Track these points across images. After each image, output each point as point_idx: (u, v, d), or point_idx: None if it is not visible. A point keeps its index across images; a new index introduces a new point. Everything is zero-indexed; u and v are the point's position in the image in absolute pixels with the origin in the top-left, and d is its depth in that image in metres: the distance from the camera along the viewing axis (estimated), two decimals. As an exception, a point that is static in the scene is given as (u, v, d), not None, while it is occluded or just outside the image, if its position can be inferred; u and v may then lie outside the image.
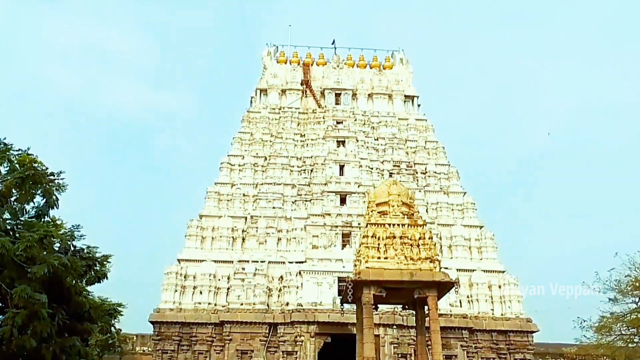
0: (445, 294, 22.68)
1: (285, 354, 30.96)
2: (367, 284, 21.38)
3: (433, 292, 21.53)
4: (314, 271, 32.72)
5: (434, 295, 21.55)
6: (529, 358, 32.41)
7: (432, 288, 21.54)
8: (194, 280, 32.49)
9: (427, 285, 21.51)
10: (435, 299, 21.55)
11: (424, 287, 21.53)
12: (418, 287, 21.58)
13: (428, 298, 21.50)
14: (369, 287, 21.40)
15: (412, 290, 21.78)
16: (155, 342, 31.23)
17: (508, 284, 33.69)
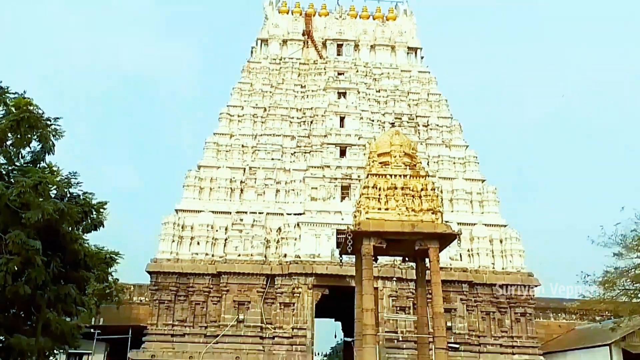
0: (447, 246, 22.35)
1: (282, 305, 30.86)
2: (367, 235, 20.99)
3: (434, 244, 21.15)
4: (312, 223, 32.40)
5: (436, 247, 21.18)
6: (529, 312, 32.29)
7: (434, 240, 21.16)
8: (192, 231, 32.15)
9: (428, 237, 21.12)
10: (436, 251, 21.20)
11: (425, 239, 21.15)
12: (419, 239, 21.20)
13: (429, 250, 21.14)
14: (369, 238, 21.02)
15: (413, 242, 21.41)
16: (152, 292, 31.07)
17: (509, 238, 33.38)
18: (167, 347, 29.81)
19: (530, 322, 32.23)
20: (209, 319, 30.71)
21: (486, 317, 32.12)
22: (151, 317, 30.70)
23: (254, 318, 30.52)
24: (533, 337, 32.09)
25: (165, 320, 30.54)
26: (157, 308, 30.70)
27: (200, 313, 30.90)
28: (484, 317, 32.10)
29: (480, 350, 31.27)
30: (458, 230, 21.39)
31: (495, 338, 31.72)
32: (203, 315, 30.87)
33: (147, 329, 30.41)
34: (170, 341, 30.12)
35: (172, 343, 30.06)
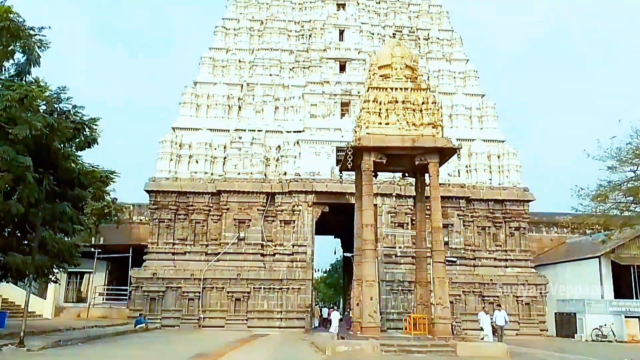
0: (447, 161, 22.13)
1: (283, 223, 31.00)
2: (368, 150, 20.75)
3: (435, 158, 20.95)
4: (312, 140, 32.08)
5: (436, 162, 20.99)
6: (523, 227, 32.63)
7: (434, 154, 20.94)
8: (190, 149, 31.82)
9: (429, 152, 20.89)
10: (436, 166, 21.02)
11: (425, 154, 20.93)
12: (419, 154, 20.99)
13: (429, 165, 20.96)
14: (369, 153, 20.79)
15: (413, 156, 21.20)
16: (152, 211, 31.08)
17: (507, 154, 33.24)
18: (168, 265, 30.13)
19: (523, 237, 32.63)
20: (210, 237, 30.90)
21: (482, 232, 32.48)
22: (151, 236, 30.85)
23: (254, 236, 30.73)
24: (526, 250, 32.58)
25: (166, 239, 30.71)
26: (157, 227, 30.80)
27: (200, 231, 31.06)
28: (479, 232, 32.45)
29: (475, 264, 31.79)
30: (458, 145, 21.06)
31: (490, 252, 32.20)
32: (204, 233, 31.04)
33: (148, 248, 30.64)
34: (172, 259, 30.41)
35: (173, 261, 30.35)
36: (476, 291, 30.85)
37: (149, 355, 17.42)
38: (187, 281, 29.69)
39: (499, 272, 31.65)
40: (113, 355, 16.92)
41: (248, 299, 29.71)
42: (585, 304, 29.36)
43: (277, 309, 29.72)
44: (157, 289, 29.54)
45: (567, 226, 38.50)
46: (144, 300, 29.42)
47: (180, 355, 16.59)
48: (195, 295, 29.62)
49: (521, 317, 30.80)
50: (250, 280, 29.77)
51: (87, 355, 16.35)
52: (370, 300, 19.92)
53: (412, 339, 19.63)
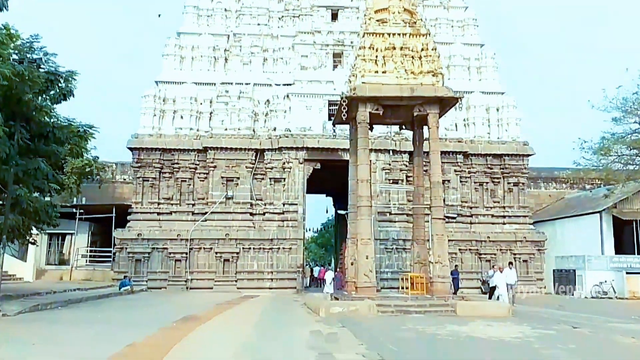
0: (448, 112, 20.86)
1: (272, 181, 29.83)
2: (363, 100, 19.45)
3: (435, 109, 19.70)
4: (302, 94, 30.59)
5: (436, 113, 19.76)
6: (522, 182, 31.64)
7: (434, 104, 19.69)
8: (174, 104, 30.27)
9: (428, 102, 19.64)
10: (436, 117, 19.79)
11: (425, 104, 19.68)
12: (418, 104, 19.74)
13: (429, 116, 19.73)
14: (364, 104, 19.50)
15: (411, 107, 19.95)
16: (135, 169, 29.73)
17: (506, 106, 32.02)
18: (154, 226, 29.01)
19: (522, 192, 31.72)
20: (197, 197, 29.73)
21: (479, 188, 31.53)
22: (135, 196, 29.62)
23: (243, 194, 29.58)
24: (524, 206, 31.72)
25: (151, 198, 29.50)
26: (141, 186, 29.53)
27: (186, 190, 29.84)
28: (477, 188, 31.50)
29: (472, 221, 30.91)
30: (459, 94, 19.72)
31: (487, 209, 31.34)
32: (190, 192, 29.84)
33: (132, 208, 29.44)
34: (157, 220, 29.28)
35: (158, 222, 29.23)
36: (473, 249, 30.02)
37: (132, 318, 16.39)
38: (174, 242, 28.67)
39: (497, 229, 30.82)
40: (94, 319, 15.86)
41: (237, 260, 28.77)
42: (585, 261, 28.60)
43: (268, 269, 28.81)
44: (143, 250, 28.51)
45: (566, 181, 37.66)
46: (128, 261, 28.45)
47: (166, 318, 15.57)
48: (182, 256, 28.66)
49: (519, 274, 29.82)
50: (239, 240, 28.76)
51: (66, 320, 15.28)
52: (366, 259, 18.91)
53: (410, 298, 18.68)
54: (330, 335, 12.90)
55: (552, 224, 32.55)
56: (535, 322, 15.82)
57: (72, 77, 17.79)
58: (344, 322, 15.11)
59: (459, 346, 11.82)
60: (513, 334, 13.34)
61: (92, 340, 11.58)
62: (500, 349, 11.47)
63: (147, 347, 10.70)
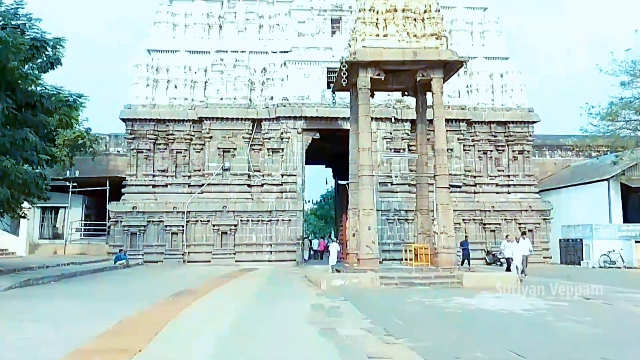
0: (452, 76, 20.02)
1: (270, 151, 29.04)
2: (364, 65, 18.63)
3: (439, 73, 18.90)
4: (300, 61, 29.61)
5: (439, 78, 18.96)
6: (527, 150, 30.88)
7: (438, 69, 18.88)
8: (168, 73, 29.31)
9: (432, 66, 18.83)
10: (440, 82, 18.99)
11: (428, 68, 18.86)
12: (421, 68, 18.94)
13: (432, 81, 18.93)
14: (365, 69, 18.68)
15: (414, 72, 19.15)
16: (129, 141, 28.90)
17: (511, 72, 31.09)
18: (149, 198, 28.32)
19: (527, 160, 31.01)
20: (192, 168, 29.00)
21: (483, 157, 30.79)
22: (130, 168, 28.85)
23: (240, 165, 28.83)
24: (529, 175, 31.02)
25: (145, 170, 28.73)
26: (135, 158, 28.73)
27: (182, 162, 29.10)
28: (480, 156, 30.76)
29: (476, 191, 30.22)
30: (464, 58, 18.83)
31: (492, 177, 30.64)
32: (186, 164, 29.09)
33: (126, 180, 28.71)
34: (152, 192, 28.57)
35: (154, 194, 28.53)
36: (477, 219, 29.38)
37: (127, 293, 15.81)
38: (170, 215, 28.03)
39: (501, 198, 30.17)
40: (87, 294, 15.30)
41: (235, 232, 28.16)
42: (592, 229, 27.94)
43: (266, 242, 28.21)
44: (138, 224, 27.88)
45: (572, 149, 36.82)
46: (123, 235, 27.88)
47: (162, 292, 14.99)
48: (178, 229, 28.05)
49: (524, 245, 29.47)
50: (237, 212, 28.11)
51: (58, 295, 14.67)
52: (368, 230, 18.23)
53: (414, 270, 18.07)
54: (332, 309, 12.30)
55: (558, 193, 31.82)
56: (545, 294, 15.21)
57: (60, 44, 17.05)
58: (346, 295, 14.52)
59: (468, 320, 11.22)
60: (524, 306, 12.76)
61: (83, 315, 11.05)
62: (511, 322, 10.84)
63: (140, 323, 10.13)
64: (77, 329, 9.40)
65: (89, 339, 8.38)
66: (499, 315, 11.61)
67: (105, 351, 7.78)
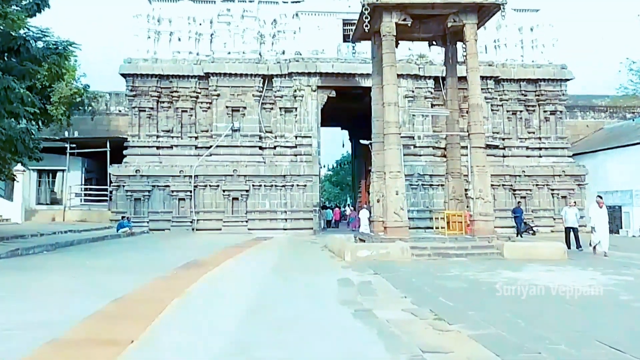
0: (487, 21, 17.70)
1: (283, 110, 27.00)
2: (388, 8, 16.42)
3: (472, 18, 16.68)
4: (313, 12, 27.49)
5: (473, 23, 16.74)
6: (560, 110, 28.68)
7: (472, 13, 16.66)
8: (170, 25, 27.10)
9: (465, 10, 16.60)
10: (474, 28, 16.80)
11: (460, 12, 16.64)
12: (453, 13, 16.67)
13: (465, 27, 16.71)
14: (390, 13, 16.47)
15: (444, 17, 16.96)
16: (130, 98, 26.82)
17: (541, 25, 28.82)
18: (153, 161, 26.41)
19: (560, 122, 28.88)
20: (199, 129, 27.03)
21: (512, 118, 28.66)
22: (132, 128, 26.85)
23: (251, 126, 26.84)
24: (562, 137, 28.91)
25: (149, 130, 26.77)
26: (137, 117, 26.72)
27: (188, 122, 27.10)
28: (509, 117, 28.63)
29: (505, 154, 28.15)
30: (502, 0, 16.49)
31: (522, 140, 28.59)
32: (192, 124, 27.10)
33: (128, 141, 26.73)
34: (157, 154, 26.68)
35: (158, 156, 26.65)
36: (506, 184, 27.34)
37: (127, 265, 14.09)
38: (176, 179, 26.16)
39: (532, 162, 28.16)
40: (83, 265, 13.55)
41: (247, 198, 26.30)
42: (632, 196, 25.81)
43: (281, 208, 26.31)
44: (142, 188, 26.06)
45: (605, 110, 34.47)
46: (127, 201, 26.10)
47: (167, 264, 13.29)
48: (186, 195, 26.21)
49: (557, 212, 27.42)
50: (249, 176, 26.21)
51: (49, 267, 12.98)
52: (396, 195, 16.27)
53: (448, 240, 16.06)
54: (363, 285, 10.41)
55: (593, 157, 29.52)
56: (600, 267, 13.25)
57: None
58: (375, 268, 12.61)
59: (527, 299, 9.24)
60: (585, 281, 10.81)
61: (73, 292, 9.47)
62: (580, 303, 8.87)
63: (137, 303, 8.45)
64: (63, 308, 7.89)
65: (73, 324, 6.71)
66: (562, 293, 9.64)
67: (89, 342, 6.08)
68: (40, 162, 19.98)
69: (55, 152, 27.57)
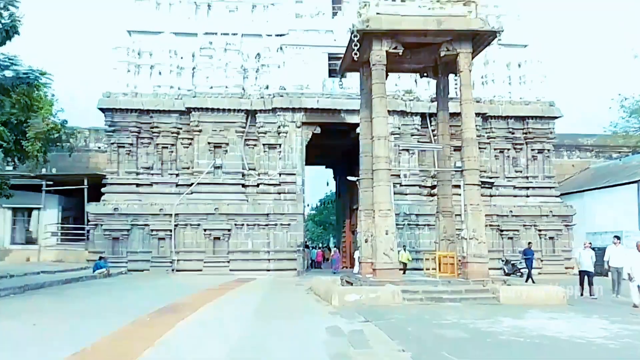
0: (483, 50, 17.18)
1: (267, 147, 26.24)
2: (379, 36, 15.84)
3: (467, 47, 16.13)
4: (298, 45, 26.88)
5: (468, 52, 16.18)
6: (548, 148, 28.15)
7: (466, 41, 16.11)
8: (151, 58, 26.41)
9: (459, 38, 16.05)
10: (469, 58, 16.23)
11: (454, 41, 16.11)
12: (446, 41, 16.13)
13: (459, 56, 16.14)
14: (380, 40, 15.91)
15: (437, 46, 16.40)
16: (109, 134, 25.96)
17: (530, 61, 28.41)
18: (132, 199, 25.44)
19: (547, 160, 28.36)
20: (180, 165, 26.20)
21: (500, 156, 28.06)
22: (110, 164, 25.97)
23: (233, 163, 26.07)
24: (550, 176, 28.34)
25: (128, 167, 25.88)
26: (116, 153, 25.84)
27: (169, 158, 26.27)
28: (497, 155, 28.03)
29: (492, 194, 27.42)
30: (498, 28, 15.98)
31: (509, 179, 27.93)
32: (173, 161, 26.27)
33: (107, 178, 25.77)
34: (136, 192, 25.72)
35: (138, 194, 25.67)
36: (494, 224, 26.56)
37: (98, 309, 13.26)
38: (156, 217, 25.18)
39: (520, 202, 27.45)
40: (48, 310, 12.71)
41: (229, 238, 25.38)
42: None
43: (264, 248, 25.36)
44: (121, 227, 25.03)
45: (591, 149, 34.12)
46: (105, 240, 25.08)
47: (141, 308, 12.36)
48: (166, 234, 25.22)
49: (544, 253, 26.83)
50: (231, 215, 25.30)
51: (9, 313, 12.04)
52: (386, 234, 15.40)
53: (441, 283, 15.18)
54: (354, 334, 9.50)
55: (581, 197, 28.97)
56: (604, 314, 12.42)
57: (12, 4, 13.93)
58: (365, 314, 11.70)
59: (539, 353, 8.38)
60: (596, 331, 10.05)
61: (30, 342, 8.68)
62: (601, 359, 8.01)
63: (102, 356, 7.69)
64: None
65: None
66: (576, 346, 8.84)
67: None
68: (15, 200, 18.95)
69: (31, 189, 26.56)
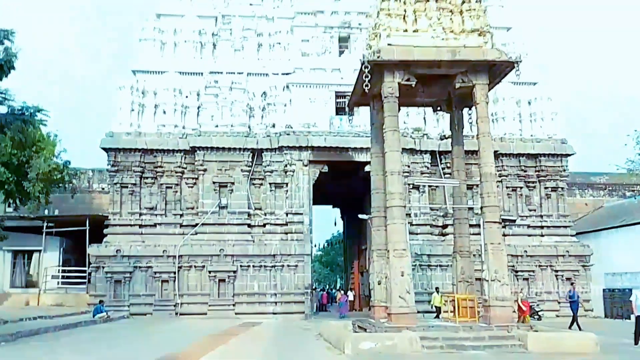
0: (499, 82, 16.56)
1: (273, 186, 25.55)
2: (390, 67, 15.22)
3: (483, 78, 15.50)
4: (304, 84, 26.44)
5: (484, 84, 15.55)
6: (561, 186, 27.37)
7: (482, 72, 15.48)
8: (155, 97, 25.95)
9: (474, 69, 15.42)
10: (485, 89, 15.59)
11: (469, 72, 15.47)
12: (461, 72, 15.50)
13: (475, 88, 15.50)
14: (392, 72, 15.27)
15: (451, 78, 15.78)
16: (112, 174, 25.36)
17: (540, 98, 27.89)
18: (135, 240, 24.72)
19: (561, 199, 27.55)
20: (185, 206, 25.58)
21: (512, 194, 27.31)
22: (113, 205, 25.32)
23: (239, 202, 25.37)
24: (565, 215, 27.47)
25: (131, 208, 25.22)
26: (119, 193, 25.19)
27: (173, 199, 25.62)
28: (509, 194, 27.28)
29: (505, 233, 26.42)
30: (516, 58, 15.36)
31: (523, 218, 27.07)
32: (177, 201, 25.62)
33: (109, 220, 25.12)
34: (139, 233, 25.01)
35: (140, 235, 24.98)
36: (508, 265, 25.29)
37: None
38: (159, 259, 24.44)
39: (534, 241, 26.52)
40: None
41: (234, 280, 24.49)
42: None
43: (270, 290, 24.42)
44: (123, 270, 24.25)
45: (604, 188, 33.37)
46: (106, 283, 24.25)
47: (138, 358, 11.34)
48: (169, 277, 24.43)
49: (561, 295, 25.60)
50: (237, 256, 24.50)
51: None
52: (402, 276, 14.42)
53: (462, 328, 14.16)
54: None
55: (597, 236, 27.98)
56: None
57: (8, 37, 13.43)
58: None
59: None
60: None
61: None
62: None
63: None
64: None
65: None
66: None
67: None
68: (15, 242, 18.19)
69: (32, 231, 25.92)
